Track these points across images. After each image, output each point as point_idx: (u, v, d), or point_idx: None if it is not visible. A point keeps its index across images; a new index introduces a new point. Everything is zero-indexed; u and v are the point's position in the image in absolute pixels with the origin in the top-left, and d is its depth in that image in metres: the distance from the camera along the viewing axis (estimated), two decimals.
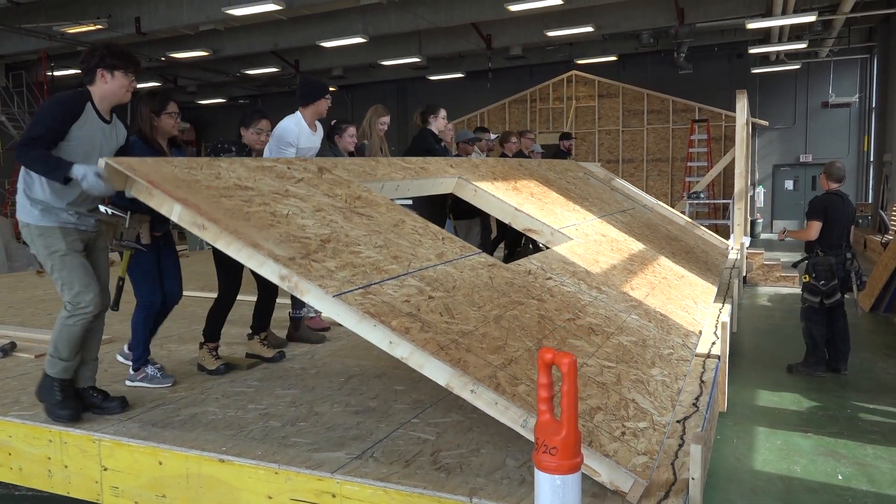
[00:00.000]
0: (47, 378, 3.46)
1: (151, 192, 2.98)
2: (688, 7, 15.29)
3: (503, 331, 3.09)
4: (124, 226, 3.71)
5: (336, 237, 3.27)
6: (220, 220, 2.87)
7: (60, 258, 3.35)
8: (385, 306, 2.80)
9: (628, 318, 4.14)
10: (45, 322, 6.20)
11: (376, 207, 3.95)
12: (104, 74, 3.35)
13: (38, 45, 16.39)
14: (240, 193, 3.27)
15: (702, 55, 19.81)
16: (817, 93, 20.06)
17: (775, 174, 21.03)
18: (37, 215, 3.33)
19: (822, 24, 15.89)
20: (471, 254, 3.97)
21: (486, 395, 2.53)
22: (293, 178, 3.78)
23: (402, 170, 4.96)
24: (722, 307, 5.73)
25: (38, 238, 3.35)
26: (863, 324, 7.64)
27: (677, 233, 8.81)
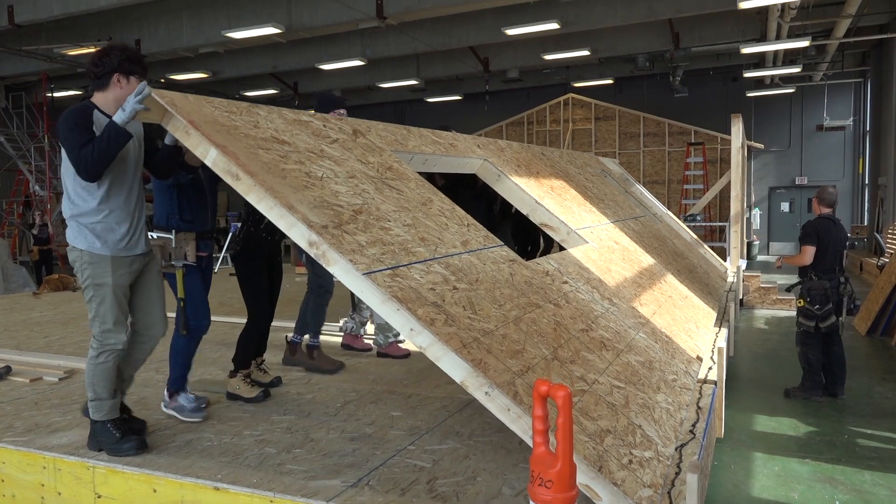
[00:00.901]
0: (97, 424, 3.37)
1: (189, 131, 2.91)
2: (683, 31, 15.46)
3: (522, 334, 3.06)
4: (171, 246, 3.71)
5: (367, 209, 3.21)
6: (256, 174, 2.81)
7: (102, 291, 3.27)
8: (412, 292, 2.76)
9: (636, 336, 4.11)
10: (41, 345, 6.18)
11: (406, 181, 3.87)
12: (120, 79, 3.23)
13: (39, 67, 16.50)
14: (277, 147, 3.20)
15: (697, 79, 19.99)
16: (812, 116, 20.22)
17: (771, 196, 21.13)
18: (90, 241, 3.23)
19: (816, 49, 16.07)
20: (493, 245, 3.92)
21: (500, 400, 2.49)
22: (328, 138, 3.70)
23: (433, 143, 4.87)
24: (718, 331, 5.74)
25: (87, 265, 3.24)
26: (860, 347, 7.64)
27: (683, 249, 8.81)
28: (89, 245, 3.22)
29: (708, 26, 15.29)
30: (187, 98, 3.12)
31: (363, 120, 4.37)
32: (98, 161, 3.04)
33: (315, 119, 3.84)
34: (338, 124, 3.98)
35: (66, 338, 6.60)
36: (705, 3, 12.62)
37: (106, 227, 3.23)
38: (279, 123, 3.48)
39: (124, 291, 3.34)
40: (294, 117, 3.68)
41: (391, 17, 12.63)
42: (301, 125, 3.64)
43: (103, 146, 3.01)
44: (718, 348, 4.61)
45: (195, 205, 3.88)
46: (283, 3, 13.07)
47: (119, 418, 3.42)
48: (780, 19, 12.00)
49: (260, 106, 3.53)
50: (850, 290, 5.72)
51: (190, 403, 3.93)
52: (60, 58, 15.48)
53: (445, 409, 4.13)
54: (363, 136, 4.06)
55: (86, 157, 3.03)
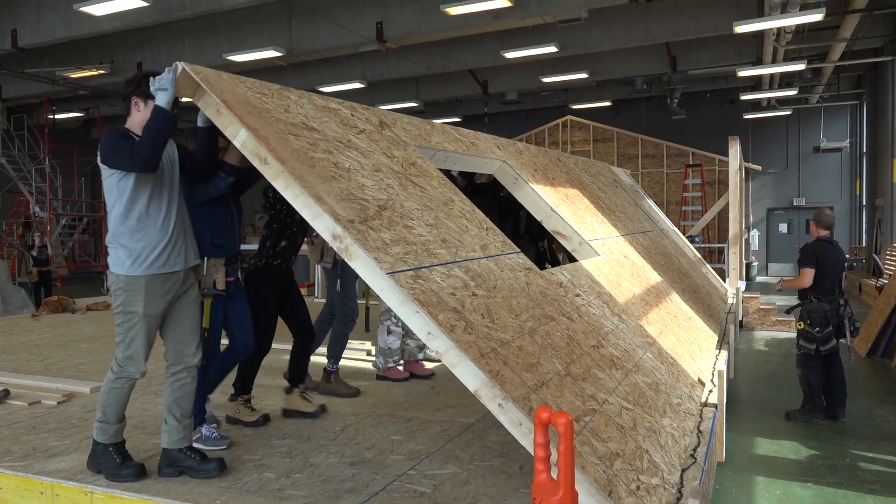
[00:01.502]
0: (100, 446, 3.36)
1: (220, 109, 2.87)
2: (680, 54, 15.61)
3: (537, 347, 3.03)
4: (202, 273, 3.62)
5: (392, 205, 3.18)
6: (286, 161, 2.79)
7: (132, 318, 3.26)
8: (433, 295, 2.74)
9: (644, 356, 4.08)
10: (40, 368, 6.16)
11: (429, 179, 3.83)
12: (138, 103, 3.29)
13: (41, 90, 16.61)
14: (306, 134, 3.17)
15: (695, 101, 20.15)
16: (809, 137, 20.35)
17: (769, 217, 21.20)
18: (127, 265, 3.22)
19: (812, 72, 16.22)
20: (510, 252, 3.87)
21: (513, 414, 2.45)
22: (356, 128, 3.65)
23: (455, 141, 4.82)
24: (718, 353, 5.73)
25: (122, 291, 3.25)
26: (860, 369, 7.63)
27: (687, 267, 8.80)
28: (126, 268, 3.22)
29: (705, 49, 15.44)
30: (221, 76, 3.10)
31: (389, 111, 4.30)
32: (151, 146, 3.08)
33: (343, 107, 3.79)
34: (365, 114, 3.92)
35: (64, 360, 6.58)
36: (702, 27, 12.75)
37: (142, 248, 3.22)
38: (309, 109, 3.43)
39: (155, 321, 3.33)
40: (323, 104, 3.62)
41: (391, 41, 12.75)
42: (330, 112, 3.59)
43: (153, 130, 3.06)
44: (718, 371, 4.61)
45: (226, 227, 3.81)
46: (284, 27, 13.20)
47: (121, 443, 3.40)
48: (775, 43, 12.12)
49: (291, 90, 3.49)
50: (850, 312, 5.73)
51: (212, 433, 3.87)
52: (62, 80, 15.59)
53: (445, 433, 4.11)
54: (389, 129, 4.01)
55: (138, 149, 3.08)
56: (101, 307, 11.38)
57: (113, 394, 3.33)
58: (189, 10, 11.00)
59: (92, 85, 16.23)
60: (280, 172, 2.75)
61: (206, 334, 3.70)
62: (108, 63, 14.81)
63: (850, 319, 5.70)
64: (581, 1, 10.96)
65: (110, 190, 3.23)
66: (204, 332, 3.67)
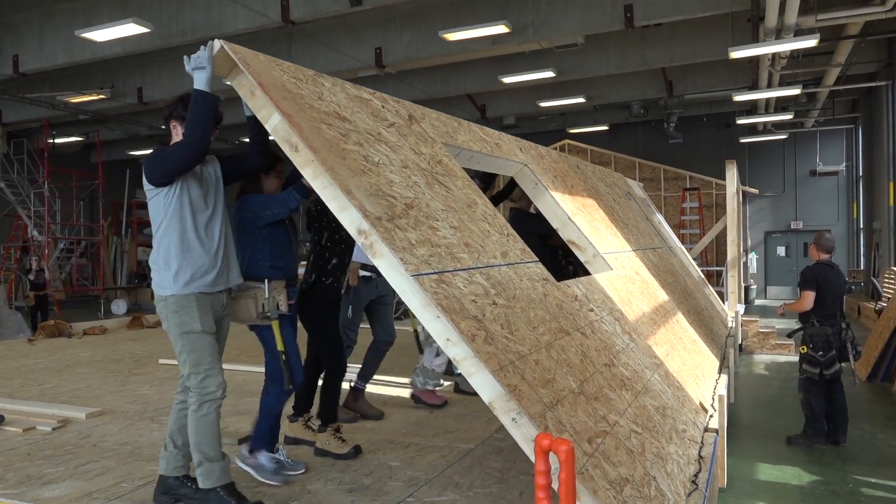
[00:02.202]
0: (209, 493, 3.21)
1: (255, 91, 2.83)
2: (676, 79, 15.75)
3: (552, 362, 2.98)
4: (264, 296, 3.53)
5: (418, 204, 3.13)
6: (318, 151, 2.74)
7: (193, 338, 3.18)
8: (455, 302, 2.68)
9: (652, 378, 4.02)
10: (35, 394, 6.12)
11: (454, 179, 3.76)
12: (176, 126, 3.28)
13: (41, 114, 16.69)
14: (338, 124, 3.11)
15: (691, 125, 20.28)
16: (805, 161, 20.47)
17: (767, 241, 21.24)
18: (175, 284, 3.17)
19: (807, 97, 16.35)
20: (528, 260, 3.80)
21: (526, 429, 2.39)
22: (386, 121, 3.59)
23: (480, 141, 4.74)
24: (718, 378, 5.70)
25: (173, 314, 3.18)
26: (861, 393, 7.59)
27: (693, 288, 8.75)
28: (174, 287, 3.16)
29: (700, 74, 15.59)
30: (258, 57, 3.04)
31: (418, 105, 4.23)
32: (198, 129, 3.03)
33: (375, 98, 3.72)
34: (395, 107, 3.85)
35: (60, 386, 6.53)
36: (697, 53, 12.89)
37: (189, 266, 3.17)
38: (342, 98, 3.36)
39: (213, 338, 3.25)
40: (356, 93, 3.56)
41: (390, 66, 12.85)
42: (362, 103, 3.52)
43: (195, 114, 3.02)
44: (719, 396, 4.58)
45: (286, 250, 3.73)
46: (284, 52, 13.31)
47: (231, 484, 3.25)
48: (770, 68, 12.23)
49: (325, 76, 3.42)
50: (851, 335, 5.71)
51: (270, 464, 3.70)
52: (63, 105, 15.67)
53: (444, 458, 4.07)
54: (417, 124, 3.94)
55: (186, 138, 3.06)
56: (97, 331, 11.34)
57: (202, 424, 3.18)
58: (190, 36, 11.10)
59: (92, 109, 16.32)
60: (310, 161, 2.69)
61: (283, 357, 3.59)
62: (108, 88, 14.90)
63: (852, 343, 5.68)
64: (578, 27, 11.08)
65: (156, 209, 3.19)
66: (281, 356, 3.58)
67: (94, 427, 4.92)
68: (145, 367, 7.70)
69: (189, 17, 11.00)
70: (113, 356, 8.60)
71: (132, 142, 21.67)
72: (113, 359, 8.37)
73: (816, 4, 9.66)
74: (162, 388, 6.43)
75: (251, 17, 10.42)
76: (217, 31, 10.85)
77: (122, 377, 7.08)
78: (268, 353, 3.66)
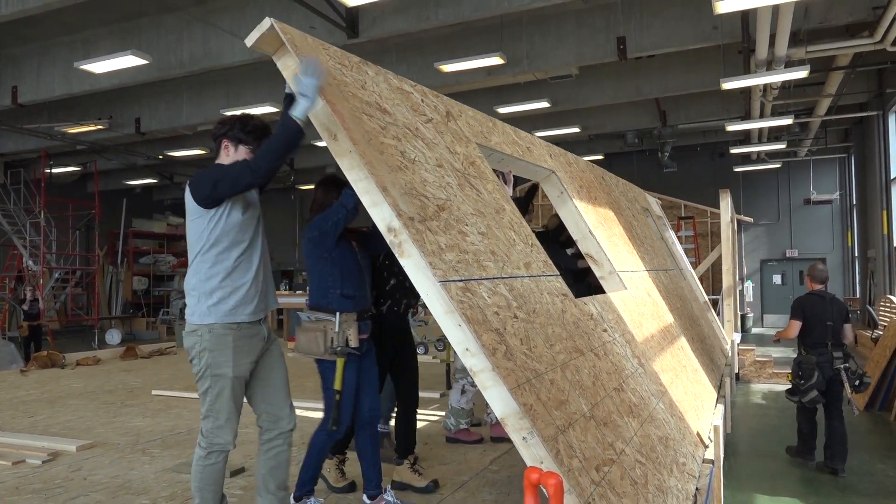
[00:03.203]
0: None
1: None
2: (670, 109, 15.92)
3: (567, 383, 2.90)
4: (333, 330, 3.34)
5: (450, 206, 3.02)
6: (358, 143, 2.66)
7: (221, 382, 2.97)
8: (478, 312, 2.61)
9: (657, 407, 3.94)
10: (26, 426, 6.05)
11: (485, 182, 3.64)
12: (228, 147, 3.13)
13: (39, 144, 16.77)
14: (379, 116, 3.01)
15: (685, 154, 20.45)
16: (799, 190, 20.61)
17: (763, 269, 21.29)
18: (214, 313, 2.96)
19: (800, 126, 16.53)
20: (550, 274, 3.69)
21: (536, 450, 2.33)
22: (424, 116, 3.47)
23: (513, 144, 4.61)
24: (715, 407, 5.66)
25: (206, 352, 2.96)
26: (860, 423, 7.55)
27: (698, 314, 8.68)
28: (212, 316, 2.95)
29: (694, 104, 15.77)
30: (306, 39, 2.95)
31: (456, 102, 4.10)
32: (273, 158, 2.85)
33: (415, 91, 3.59)
34: (434, 101, 3.72)
35: (51, 417, 6.47)
36: (690, 84, 13.04)
37: (229, 293, 2.99)
38: (383, 88, 3.26)
39: (242, 384, 3.07)
40: (397, 84, 3.45)
41: None
42: (403, 95, 3.41)
43: (280, 143, 2.82)
44: (714, 426, 4.54)
45: (355, 278, 3.53)
46: (281, 84, 13.24)
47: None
48: (762, 98, 12.38)
49: (368, 64, 3.31)
50: (854, 365, 5.74)
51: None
52: (61, 136, 15.76)
53: (438, 491, 4.02)
54: (454, 121, 3.82)
55: (258, 161, 2.86)
56: (90, 362, 11.27)
57: (207, 473, 3.02)
58: (187, 68, 11.21)
59: (90, 140, 16.41)
60: (348, 153, 2.62)
61: (337, 397, 3.40)
62: (106, 118, 15.01)
63: (851, 372, 5.69)
64: (572, 58, 11.22)
65: (197, 233, 3.01)
66: (336, 395, 3.39)
67: (84, 460, 4.87)
68: (138, 399, 7.63)
69: (187, 49, 11.12)
70: (106, 387, 8.53)
71: (129, 171, 21.76)
72: (106, 390, 8.30)
73: (806, 37, 9.82)
74: (154, 420, 6.37)
75: (248, 50, 10.45)
76: (215, 62, 10.97)
77: (115, 409, 7.01)
78: (325, 389, 3.49)
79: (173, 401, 7.52)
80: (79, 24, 11.52)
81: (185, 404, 7.30)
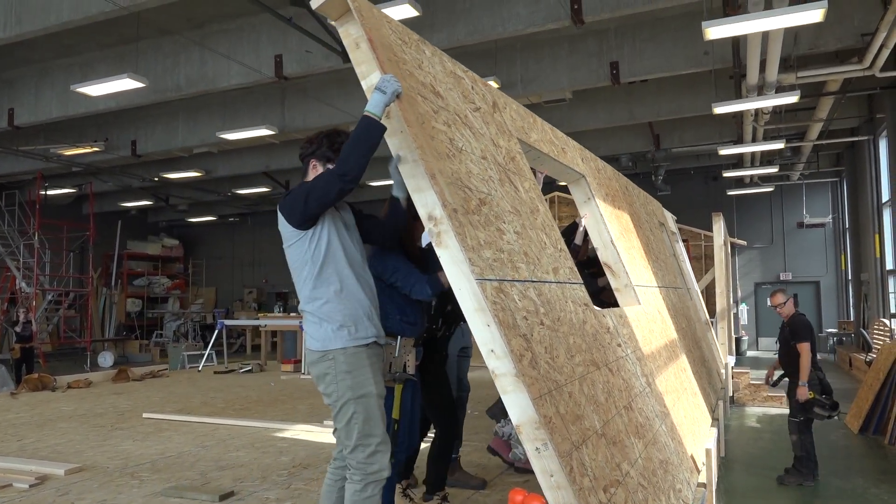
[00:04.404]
0: None
1: (361, 44, 2.62)
2: (663, 133, 16.05)
3: (583, 397, 2.84)
4: (393, 354, 3.17)
5: (490, 201, 2.94)
6: (412, 125, 2.59)
7: (368, 403, 2.74)
8: (509, 316, 2.55)
9: (660, 429, 3.90)
10: (14, 449, 5.99)
11: (522, 180, 3.55)
12: (316, 166, 2.97)
13: (35, 166, 16.79)
14: (432, 99, 2.91)
15: (679, 177, 20.57)
16: (792, 213, 20.72)
17: (757, 292, 21.32)
18: (343, 337, 2.76)
19: (792, 151, 16.67)
20: (575, 281, 3.63)
21: (548, 462, 2.29)
22: (473, 104, 3.37)
23: (550, 143, 4.52)
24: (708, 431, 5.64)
25: (345, 374, 2.74)
26: (853, 446, 7.52)
27: (700, 335, 8.66)
28: (344, 339, 2.76)
29: (687, 128, 15.90)
30: (372, 10, 2.86)
31: (502, 93, 3.96)
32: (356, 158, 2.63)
33: (467, 77, 3.49)
34: (483, 90, 3.62)
35: (40, 441, 6.40)
36: (682, 108, 13.17)
37: (352, 313, 2.80)
38: (438, 70, 3.15)
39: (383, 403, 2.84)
40: (451, 68, 3.33)
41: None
42: (455, 80, 3.30)
43: (359, 141, 2.63)
44: (706, 449, 4.52)
45: (416, 303, 3.36)
46: (277, 107, 13.53)
47: None
48: (754, 123, 12.50)
49: (426, 43, 3.20)
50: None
51: None
52: (56, 157, 15.79)
53: None
54: (500, 113, 3.71)
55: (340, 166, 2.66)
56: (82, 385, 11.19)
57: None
58: (184, 91, 11.28)
59: (85, 162, 16.45)
60: (400, 133, 2.56)
61: (395, 427, 3.21)
62: (102, 141, 15.05)
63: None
64: (565, 83, 11.33)
65: (300, 257, 2.83)
66: (394, 425, 3.19)
67: (72, 484, 4.81)
68: (129, 422, 7.57)
69: (184, 72, 11.20)
70: (96, 410, 8.46)
71: (125, 193, 21.78)
72: (96, 413, 8.23)
73: (796, 62, 9.94)
74: (144, 444, 6.31)
75: (245, 73, 10.62)
76: (211, 85, 11.05)
77: (105, 432, 6.95)
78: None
79: (164, 424, 7.46)
80: (76, 47, 11.60)
81: (175, 427, 7.24)
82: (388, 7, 7.66)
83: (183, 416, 7.77)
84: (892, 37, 8.52)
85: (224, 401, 9.36)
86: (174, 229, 28.06)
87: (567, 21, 8.79)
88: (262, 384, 11.68)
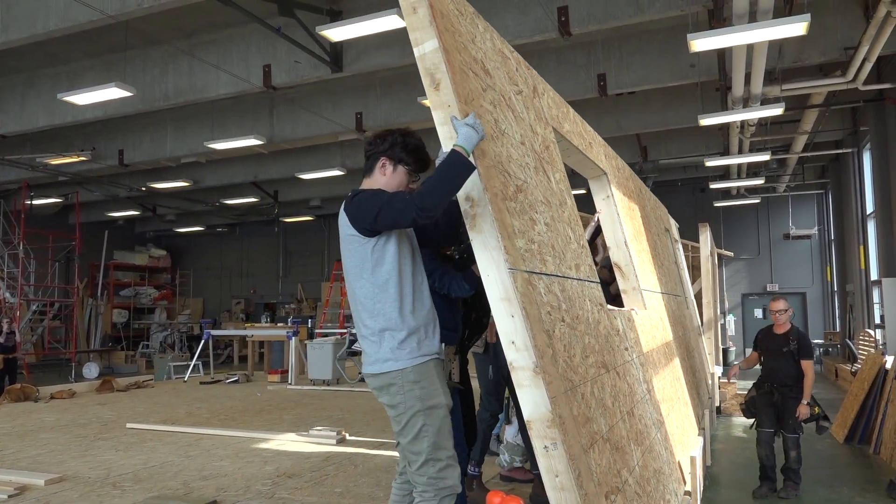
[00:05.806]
0: None
1: (419, 9, 2.48)
2: (650, 145, 16.16)
3: (594, 399, 2.79)
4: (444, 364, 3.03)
5: (525, 189, 2.85)
6: (461, 99, 2.47)
7: (436, 413, 2.59)
8: (536, 309, 2.48)
9: (655, 437, 3.86)
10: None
11: (554, 171, 3.45)
12: (386, 165, 2.81)
13: (21, 175, 16.68)
14: (482, 76, 2.80)
15: (667, 189, 20.69)
16: (778, 225, 20.88)
17: (744, 303, 21.43)
18: (410, 352, 2.61)
19: (778, 163, 16.83)
20: (593, 280, 3.56)
21: (555, 462, 2.24)
22: (516, 87, 3.26)
23: (579, 135, 4.44)
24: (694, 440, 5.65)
25: (413, 385, 2.59)
26: (839, 455, 7.55)
27: (694, 345, 8.68)
28: (412, 356, 2.61)
29: (674, 140, 16.03)
30: None
31: (541, 78, 3.84)
32: (441, 196, 2.41)
33: (512, 57, 3.37)
34: (526, 73, 3.52)
35: (20, 451, 6.32)
36: (669, 120, 13.28)
37: (421, 325, 2.67)
38: (488, 48, 3.03)
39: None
40: (500, 46, 3.22)
41: (370, 130, 13.09)
42: (502, 59, 3.20)
43: (448, 179, 2.39)
44: (691, 457, 4.52)
45: (456, 311, 3.28)
46: (266, 117, 13.52)
47: None
48: (740, 135, 12.61)
49: (480, 17, 3.08)
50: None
51: None
52: (43, 167, 15.69)
53: None
54: (539, 98, 3.59)
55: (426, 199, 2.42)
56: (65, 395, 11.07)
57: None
58: (172, 101, 11.25)
59: (72, 171, 16.36)
60: (445, 105, 2.43)
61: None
62: (89, 150, 14.98)
63: None
64: None
65: (360, 260, 2.65)
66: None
67: (52, 494, 4.75)
68: (112, 432, 7.49)
69: (172, 82, 11.18)
70: (79, 420, 8.37)
71: (111, 203, 21.65)
72: (79, 423, 8.14)
73: (781, 75, 10.06)
74: (127, 454, 6.24)
75: (233, 83, 10.61)
76: (199, 95, 11.04)
77: (87, 442, 6.87)
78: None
79: (148, 434, 7.38)
80: (64, 55, 11.57)
81: (159, 437, 7.17)
82: (376, 18, 7.68)
83: (167, 426, 7.70)
84: (875, 50, 8.64)
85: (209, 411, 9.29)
86: (162, 239, 27.90)
87: (555, 33, 8.85)
88: (248, 394, 11.60)
